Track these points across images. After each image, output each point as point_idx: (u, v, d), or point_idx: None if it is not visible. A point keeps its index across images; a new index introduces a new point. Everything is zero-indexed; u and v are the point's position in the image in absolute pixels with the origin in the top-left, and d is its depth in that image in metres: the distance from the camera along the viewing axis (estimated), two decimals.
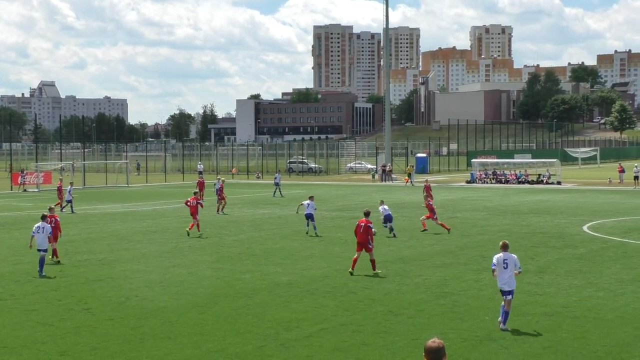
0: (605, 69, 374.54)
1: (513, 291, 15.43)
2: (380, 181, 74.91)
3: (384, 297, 18.32)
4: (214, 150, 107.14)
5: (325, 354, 13.45)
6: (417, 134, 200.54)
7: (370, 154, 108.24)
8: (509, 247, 15.83)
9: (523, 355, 13.36)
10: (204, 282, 20.52)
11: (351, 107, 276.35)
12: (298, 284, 20.07)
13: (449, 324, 15.55)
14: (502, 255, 15.54)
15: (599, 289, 19.08)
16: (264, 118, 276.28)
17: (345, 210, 41.84)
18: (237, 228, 33.49)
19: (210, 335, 14.85)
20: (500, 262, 15.44)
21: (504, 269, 15.38)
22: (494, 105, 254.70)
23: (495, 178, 71.14)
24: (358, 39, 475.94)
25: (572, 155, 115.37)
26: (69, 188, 42.33)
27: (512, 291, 15.39)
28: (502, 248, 15.74)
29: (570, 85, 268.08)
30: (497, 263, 15.45)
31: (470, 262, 23.49)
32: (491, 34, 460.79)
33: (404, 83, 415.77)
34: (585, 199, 49.82)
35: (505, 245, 15.82)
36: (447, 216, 38.40)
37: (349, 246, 27.42)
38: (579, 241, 28.40)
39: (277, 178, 54.65)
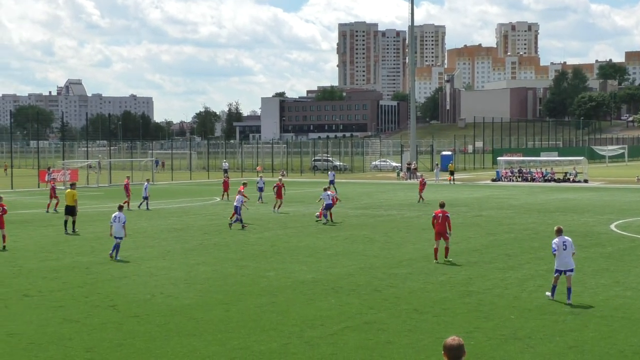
0: (634, 65, 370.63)
1: (573, 269, 17.32)
2: (405, 179, 74.73)
3: (409, 295, 18.27)
4: (239, 148, 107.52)
5: (349, 352, 13.43)
6: (443, 132, 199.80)
7: (395, 152, 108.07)
8: (563, 231, 17.74)
9: (549, 354, 13.26)
10: (228, 279, 20.58)
11: (376, 105, 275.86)
12: (322, 282, 20.07)
13: (473, 323, 15.48)
14: (559, 239, 17.40)
15: (627, 288, 18.91)
16: (289, 116, 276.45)
17: (370, 209, 41.77)
18: (262, 226, 33.55)
19: (235, 332, 14.89)
20: (560, 245, 17.30)
21: (564, 250, 17.25)
22: (520, 103, 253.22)
23: (521, 176, 70.73)
24: (383, 37, 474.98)
25: (599, 153, 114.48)
26: (145, 185, 43.02)
27: (573, 269, 17.30)
28: (558, 232, 17.67)
29: (598, 82, 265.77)
30: (558, 247, 17.30)
31: (496, 261, 23.37)
32: (517, 31, 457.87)
33: (429, 81, 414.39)
34: (612, 197, 49.39)
35: (559, 229, 17.75)
36: (473, 214, 38.26)
37: (374, 244, 27.42)
38: (606, 240, 28.16)
39: (330, 175, 55.86)
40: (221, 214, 39.63)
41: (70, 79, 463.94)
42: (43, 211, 41.09)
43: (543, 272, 21.16)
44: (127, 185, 43.71)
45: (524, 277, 20.57)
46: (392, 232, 30.96)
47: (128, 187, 43.42)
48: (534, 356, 13.17)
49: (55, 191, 41.78)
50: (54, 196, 41.36)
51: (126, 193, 43.00)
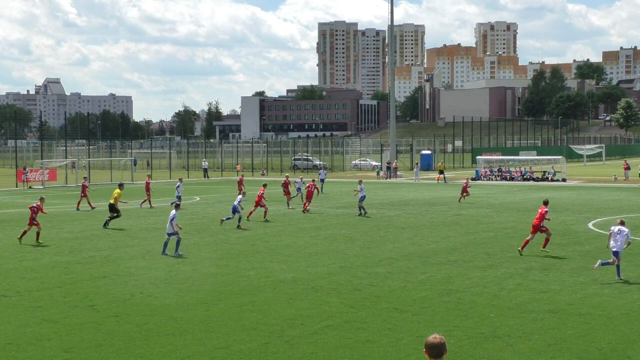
0: (611, 65, 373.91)
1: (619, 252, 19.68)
2: (385, 178, 74.88)
3: (389, 294, 18.32)
4: (218, 148, 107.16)
5: (329, 351, 13.45)
6: (422, 131, 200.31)
7: (375, 151, 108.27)
8: (625, 224, 20.35)
9: (528, 352, 13.35)
10: (208, 279, 20.54)
11: (356, 104, 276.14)
12: (302, 281, 20.07)
13: (453, 321, 15.55)
14: (618, 228, 19.94)
15: (604, 286, 19.05)
16: (269, 115, 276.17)
17: (350, 208, 41.79)
18: (243, 225, 33.47)
19: (215, 332, 14.87)
20: (615, 231, 19.84)
21: (617, 234, 19.74)
22: (499, 102, 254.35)
23: (500, 175, 71.08)
24: (363, 36, 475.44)
25: (577, 152, 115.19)
26: (178, 184, 43.31)
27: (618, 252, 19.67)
28: (620, 224, 20.25)
29: (576, 82, 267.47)
30: (614, 231, 19.90)
31: (475, 259, 23.48)
32: (496, 31, 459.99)
33: (409, 80, 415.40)
34: (590, 196, 49.74)
35: (622, 222, 20.45)
36: (453, 213, 38.41)
37: (354, 243, 27.46)
38: (585, 238, 28.37)
39: (321, 174, 55.75)
40: (200, 213, 39.54)
41: (48, 77, 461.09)
42: (21, 210, 40.77)
43: (522, 271, 21.29)
44: (148, 184, 44.20)
45: (503, 275, 20.68)
46: (372, 231, 31.02)
47: (149, 187, 43.88)
48: (513, 354, 13.24)
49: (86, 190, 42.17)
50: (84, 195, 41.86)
51: (147, 192, 43.48)
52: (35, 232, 28.07)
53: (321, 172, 57.06)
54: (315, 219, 36.21)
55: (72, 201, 47.69)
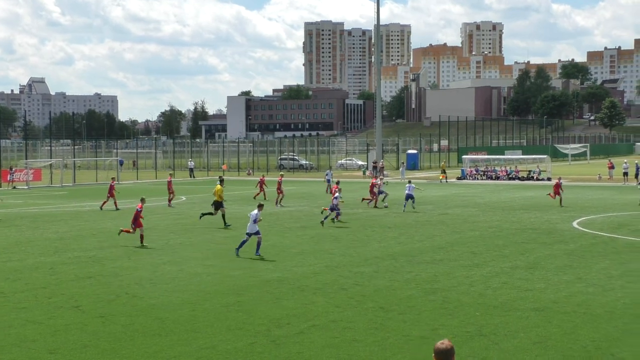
0: (595, 65, 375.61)
1: None
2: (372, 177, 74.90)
3: (375, 293, 18.34)
4: (204, 147, 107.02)
5: (316, 351, 13.46)
6: (408, 131, 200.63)
7: (361, 151, 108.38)
8: None
9: (513, 350, 13.39)
10: (194, 279, 20.50)
11: (342, 104, 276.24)
12: (289, 280, 20.07)
13: (439, 320, 15.58)
14: None
15: (589, 285, 19.15)
16: (255, 115, 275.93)
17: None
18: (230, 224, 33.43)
19: (201, 332, 14.84)
20: None
21: None
22: (485, 102, 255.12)
23: (485, 174, 71.28)
24: (349, 36, 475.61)
25: (562, 152, 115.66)
26: None
27: None
28: None
29: (561, 81, 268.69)
30: None
31: (461, 258, 23.54)
32: (482, 31, 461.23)
33: (395, 80, 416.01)
34: (575, 195, 49.94)
35: None
36: (439, 212, 38.50)
37: (340, 242, 27.46)
38: (569, 237, 28.50)
39: (328, 174, 55.62)
40: (186, 213, 39.46)
41: (33, 77, 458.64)
42: (6, 211, 40.59)
43: (507, 269, 21.37)
44: (170, 182, 44.86)
45: (489, 274, 20.75)
46: (358, 231, 31.05)
47: (171, 185, 44.51)
48: (498, 352, 13.29)
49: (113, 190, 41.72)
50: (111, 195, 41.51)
51: (169, 190, 44.12)
52: (139, 235, 27.34)
53: (328, 172, 57.15)
54: (301, 218, 36.23)
55: (58, 201, 47.55)
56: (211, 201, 34.70)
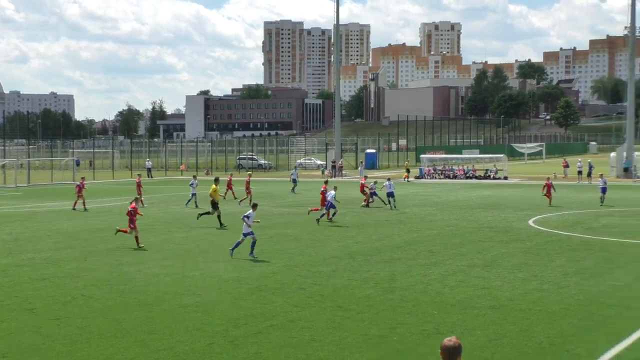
0: (551, 65, 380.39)
1: None
2: (330, 177, 75.05)
3: (333, 292, 18.37)
4: (162, 147, 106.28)
5: (274, 351, 13.44)
6: (367, 130, 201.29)
7: (320, 150, 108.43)
8: None
9: (470, 348, 13.50)
10: (152, 279, 20.35)
11: (301, 103, 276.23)
12: (247, 280, 20.02)
13: (397, 319, 15.66)
14: None
15: (544, 282, 19.38)
16: (214, 114, 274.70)
17: (295, 207, 41.83)
18: (187, 225, 33.28)
19: (158, 333, 14.73)
20: None
21: None
22: (443, 102, 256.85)
23: (443, 173, 71.78)
24: (308, 35, 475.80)
25: (518, 151, 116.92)
26: (192, 182, 43.24)
27: None
28: None
29: (517, 81, 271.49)
30: None
31: (419, 257, 23.68)
32: (440, 31, 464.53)
33: (354, 79, 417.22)
34: (531, 193, 50.51)
35: None
36: (396, 212, 38.66)
37: (299, 242, 27.47)
38: (525, 235, 28.82)
39: (294, 174, 55.32)
40: (144, 213, 39.12)
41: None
42: None
43: (464, 268, 21.55)
44: (139, 182, 44.31)
45: (446, 272, 20.90)
46: (316, 230, 31.08)
47: (140, 185, 43.97)
48: None
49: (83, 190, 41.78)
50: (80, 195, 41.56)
51: (138, 190, 43.50)
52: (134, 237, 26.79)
53: (293, 172, 56.70)
54: (261, 218, 36.05)
55: (12, 202, 46.88)
56: (176, 201, 34.47)
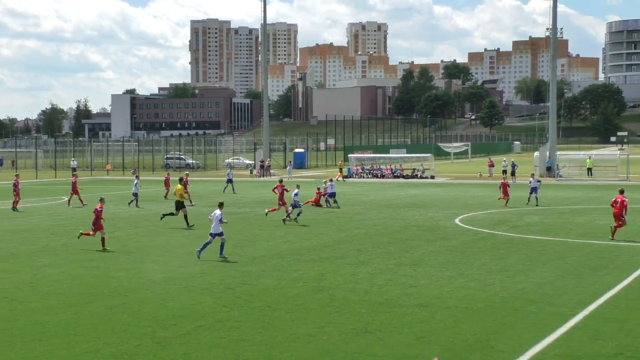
0: (476, 66, 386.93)
1: None
2: (259, 176, 74.89)
3: (262, 292, 18.34)
4: (88, 146, 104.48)
5: (202, 351, 13.35)
6: (295, 130, 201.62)
7: (248, 150, 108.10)
8: None
9: (398, 346, 13.64)
10: (77, 281, 19.99)
11: (229, 103, 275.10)
12: (175, 281, 19.83)
13: (326, 318, 15.71)
14: None
15: (470, 280, 19.69)
16: (140, 113, 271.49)
17: (224, 206, 41.53)
18: (113, 225, 32.76)
19: (84, 335, 14.49)
20: None
21: None
22: (371, 101, 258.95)
23: (371, 173, 72.30)
24: (236, 35, 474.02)
25: (444, 150, 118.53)
26: (136, 182, 42.61)
27: None
28: None
29: (443, 81, 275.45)
30: None
31: (347, 256, 23.81)
32: (367, 31, 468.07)
33: (282, 79, 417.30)
34: (457, 192, 51.29)
35: None
36: (325, 211, 38.81)
37: (228, 242, 27.26)
38: (452, 234, 29.23)
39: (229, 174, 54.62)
40: (69, 214, 38.46)
41: None
42: None
43: (392, 266, 21.75)
44: (75, 183, 43.06)
45: (374, 271, 21.06)
46: (245, 230, 30.98)
47: (75, 185, 42.83)
48: (383, 348, 13.50)
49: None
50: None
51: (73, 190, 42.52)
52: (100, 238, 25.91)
53: (229, 172, 56.00)
54: (190, 218, 35.80)
55: None
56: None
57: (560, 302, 16.98)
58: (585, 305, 16.54)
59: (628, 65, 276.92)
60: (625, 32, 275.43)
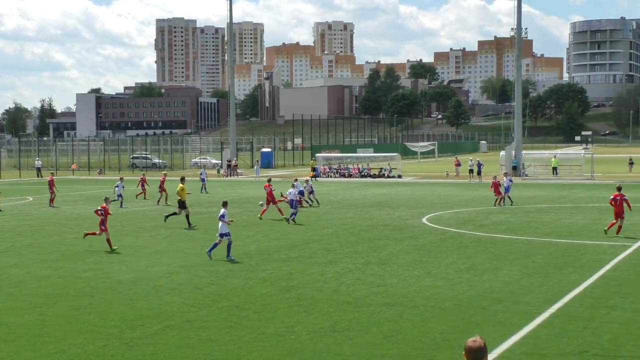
0: (442, 65, 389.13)
1: None
2: (226, 176, 74.67)
3: (230, 292, 18.30)
4: (52, 146, 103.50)
5: (170, 352, 13.29)
6: (262, 129, 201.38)
7: (215, 149, 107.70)
8: None
9: (366, 345, 13.68)
10: (42, 281, 19.79)
11: (196, 102, 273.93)
12: (142, 281, 19.72)
13: (294, 317, 15.72)
14: None
15: (438, 279, 19.80)
16: (106, 113, 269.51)
17: (191, 206, 41.37)
18: (79, 225, 32.50)
19: (50, 336, 14.35)
20: None
21: None
22: (337, 101, 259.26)
23: (339, 172, 72.39)
24: (202, 34, 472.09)
25: (411, 150, 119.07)
26: (117, 183, 42.14)
27: None
28: None
29: (410, 81, 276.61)
30: None
31: (315, 256, 23.83)
32: (334, 30, 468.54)
33: (249, 78, 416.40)
34: (424, 191, 51.54)
35: None
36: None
37: (195, 242, 27.23)
38: (419, 233, 29.36)
39: (202, 173, 54.16)
40: (34, 214, 38.06)
41: None
42: None
43: (360, 266, 21.80)
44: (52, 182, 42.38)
45: (342, 270, 21.10)
46: (212, 230, 30.76)
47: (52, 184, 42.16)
48: (352, 347, 13.53)
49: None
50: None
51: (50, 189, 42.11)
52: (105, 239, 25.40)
53: (202, 171, 55.67)
54: (155, 218, 35.66)
55: None
56: (66, 201, 33.61)
57: (526, 301, 17.13)
58: (551, 304, 16.70)
59: (592, 65, 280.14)
60: (588, 33, 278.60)
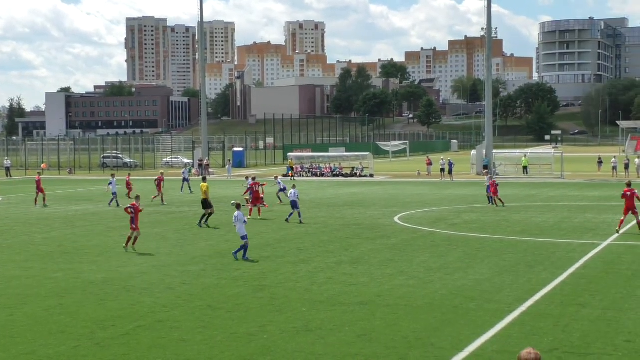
0: (413, 65, 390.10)
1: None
2: (198, 175, 74.32)
3: (202, 292, 18.24)
4: (22, 145, 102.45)
5: (142, 352, 13.22)
6: (234, 128, 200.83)
7: (187, 149, 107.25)
8: None
9: (338, 344, 13.70)
10: (12, 282, 19.60)
11: (167, 101, 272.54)
12: (114, 281, 19.59)
13: (267, 317, 15.70)
14: None
15: (410, 278, 19.87)
16: (76, 112, 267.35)
17: (162, 206, 41.23)
18: (49, 225, 32.23)
19: (20, 337, 14.22)
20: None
21: None
22: (309, 100, 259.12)
23: (310, 171, 72.39)
24: (172, 32, 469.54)
25: (383, 149, 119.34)
26: (111, 180, 41.72)
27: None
28: None
29: (381, 80, 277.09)
30: None
31: (288, 255, 23.82)
32: (305, 30, 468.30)
33: (220, 77, 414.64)
34: (396, 191, 51.70)
35: None
36: (264, 210, 38.68)
37: (166, 242, 27.12)
38: (391, 232, 29.45)
39: (185, 173, 53.64)
40: (3, 214, 37.69)
41: None
42: None
43: (333, 265, 21.82)
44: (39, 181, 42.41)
45: (315, 269, 21.11)
46: (184, 229, 30.76)
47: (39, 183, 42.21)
48: (324, 346, 13.54)
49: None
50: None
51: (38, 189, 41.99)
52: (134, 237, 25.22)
53: (184, 170, 55.33)
54: (126, 217, 35.36)
55: None
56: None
57: (498, 299, 17.25)
58: (522, 302, 16.84)
59: (561, 65, 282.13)
60: (557, 33, 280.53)
